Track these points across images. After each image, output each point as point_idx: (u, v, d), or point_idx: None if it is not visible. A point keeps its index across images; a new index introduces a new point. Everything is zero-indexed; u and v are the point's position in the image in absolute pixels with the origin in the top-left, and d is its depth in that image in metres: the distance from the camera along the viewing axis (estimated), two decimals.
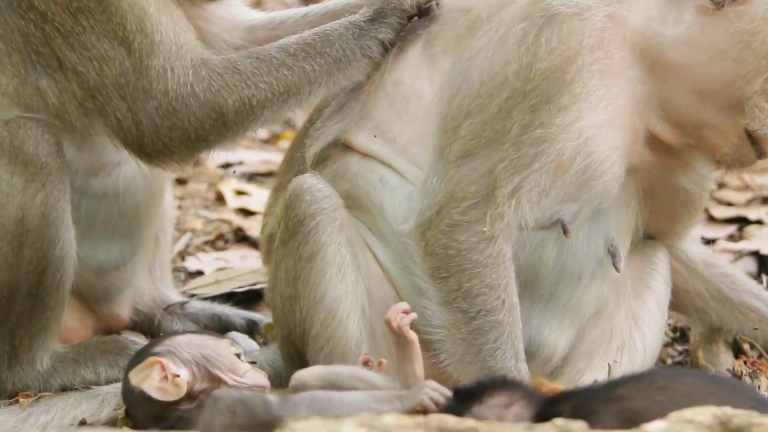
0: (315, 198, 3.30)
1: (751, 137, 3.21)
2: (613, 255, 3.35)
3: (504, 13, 3.26)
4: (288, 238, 3.33)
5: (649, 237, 3.56)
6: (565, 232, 3.22)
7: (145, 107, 3.34)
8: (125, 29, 3.35)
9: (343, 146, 3.44)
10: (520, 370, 3.11)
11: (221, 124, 3.37)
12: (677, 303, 3.63)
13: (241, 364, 3.07)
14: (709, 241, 4.39)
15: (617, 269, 3.35)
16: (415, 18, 3.46)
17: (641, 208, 3.45)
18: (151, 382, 3.01)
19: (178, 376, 3.00)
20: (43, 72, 3.43)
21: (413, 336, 2.98)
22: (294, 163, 3.54)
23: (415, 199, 3.27)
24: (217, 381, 3.02)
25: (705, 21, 3.16)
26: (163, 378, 3.01)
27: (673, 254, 3.60)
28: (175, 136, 3.36)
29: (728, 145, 3.23)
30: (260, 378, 3.07)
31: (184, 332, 3.18)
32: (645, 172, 3.35)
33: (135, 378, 3.03)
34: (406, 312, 2.99)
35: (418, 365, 2.98)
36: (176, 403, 3.00)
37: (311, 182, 3.33)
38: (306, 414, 2.84)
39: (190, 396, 3.01)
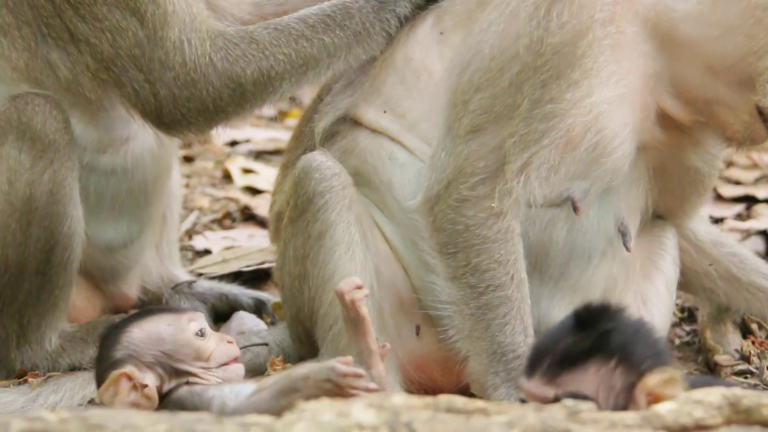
0: (324, 176, 3.29)
1: (762, 114, 3.19)
2: (623, 234, 3.34)
3: None
4: (297, 216, 3.32)
5: (657, 216, 3.55)
6: (575, 209, 3.21)
7: (163, 78, 3.34)
8: (137, 0, 3.33)
9: (352, 122, 3.42)
10: (529, 346, 3.11)
11: (239, 95, 3.36)
12: (685, 282, 3.62)
13: (204, 347, 2.99)
14: (717, 220, 4.39)
15: (627, 248, 3.34)
16: None
17: (651, 187, 3.43)
18: (121, 398, 2.95)
19: (146, 386, 2.95)
20: (54, 45, 3.41)
21: (365, 311, 2.96)
22: (303, 140, 3.53)
23: (423, 176, 3.27)
24: (185, 374, 2.97)
25: None
26: (132, 388, 2.96)
27: (682, 233, 3.59)
28: (193, 106, 3.36)
29: (739, 122, 3.21)
30: (226, 352, 3.00)
31: (135, 320, 3.06)
32: (655, 150, 3.33)
33: (105, 397, 2.97)
34: (359, 287, 2.95)
35: (372, 340, 2.96)
36: None
37: (320, 159, 3.32)
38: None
39: (162, 398, 2.98)
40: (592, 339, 2.60)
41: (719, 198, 4.67)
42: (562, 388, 2.57)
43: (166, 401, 2.95)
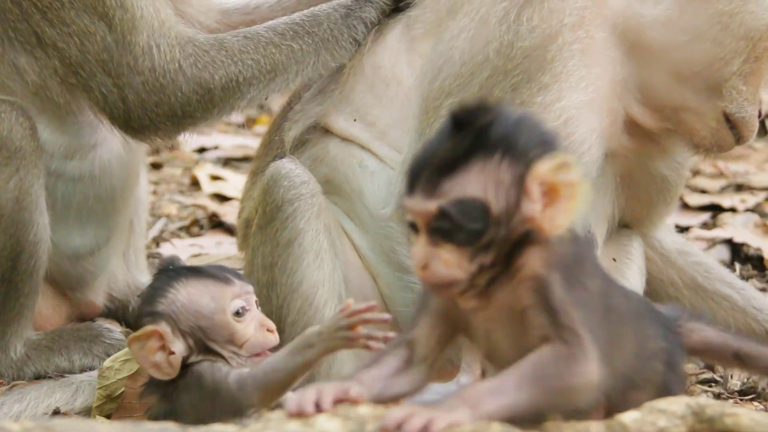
0: (293, 183, 3.29)
1: (729, 120, 3.22)
2: (590, 240, 3.35)
3: None
4: (265, 223, 3.32)
5: (623, 225, 3.57)
6: None
7: (131, 82, 3.33)
8: (104, 4, 3.33)
9: (322, 130, 3.43)
10: None
11: (208, 101, 3.36)
12: (651, 291, 3.64)
13: (241, 333, 2.91)
14: (683, 229, 4.42)
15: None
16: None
17: (618, 195, 3.45)
18: (146, 355, 2.88)
19: (173, 353, 2.88)
20: (21, 49, 3.40)
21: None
22: (272, 147, 3.53)
23: (394, 183, 3.28)
24: (214, 354, 2.90)
25: (685, 3, 3.17)
26: (160, 349, 2.88)
27: (647, 242, 3.61)
28: (162, 111, 3.35)
29: (707, 129, 3.24)
30: (262, 343, 2.92)
31: (185, 277, 2.93)
32: (622, 158, 3.36)
33: (133, 347, 2.89)
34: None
35: None
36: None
37: (289, 167, 3.32)
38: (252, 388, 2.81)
39: (184, 366, 2.89)
40: (469, 137, 2.32)
41: (685, 206, 4.71)
42: (445, 197, 2.31)
43: (186, 371, 2.90)
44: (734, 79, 3.17)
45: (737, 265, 4.24)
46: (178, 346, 2.89)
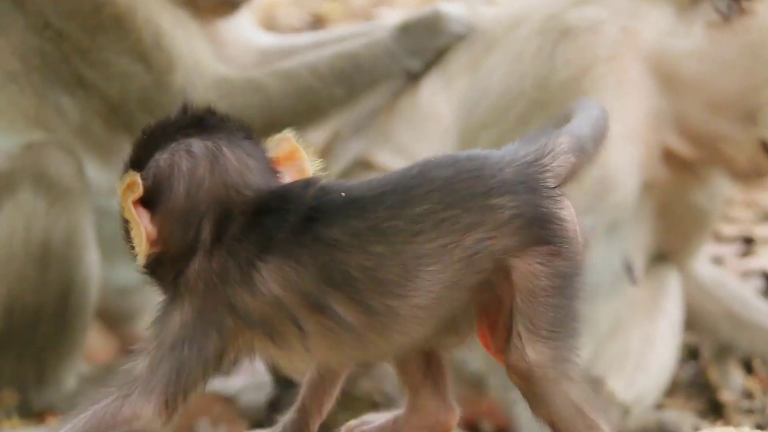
0: None
1: (766, 148, 3.26)
2: (629, 269, 3.39)
3: (520, 30, 3.35)
4: None
5: (661, 257, 3.62)
6: (585, 242, 3.27)
7: None
8: (142, 45, 3.41)
9: (364, 165, 3.51)
10: None
11: None
12: (688, 321, 3.67)
13: None
14: (716, 260, 4.45)
15: (634, 282, 3.39)
16: None
17: (656, 227, 3.49)
18: None
19: None
20: (63, 90, 3.48)
21: None
22: None
23: None
24: None
25: (715, 35, 3.23)
26: None
27: (684, 273, 3.65)
28: None
29: (744, 157, 3.27)
30: None
31: None
32: (660, 189, 3.40)
33: None
34: None
35: None
36: None
37: None
38: None
39: None
40: None
41: (718, 236, 4.73)
42: None
43: None
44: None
45: None
46: None
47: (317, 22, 6.84)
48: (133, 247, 2.10)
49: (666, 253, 3.61)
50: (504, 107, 3.26)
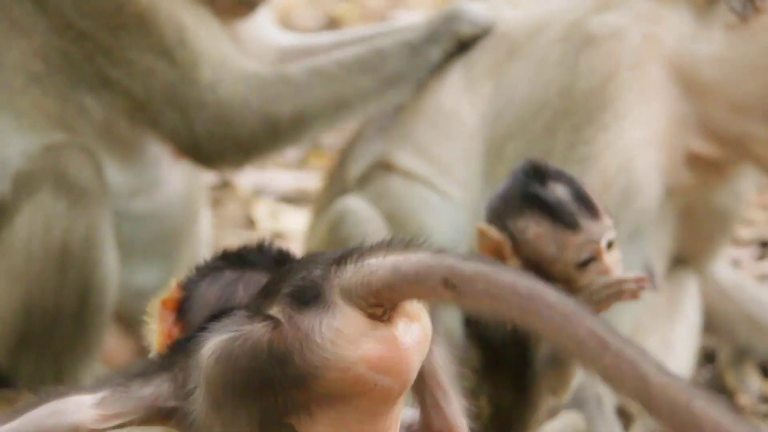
0: (359, 220, 3.36)
1: None
2: (651, 277, 3.40)
3: (542, 37, 3.35)
4: None
5: (680, 261, 3.61)
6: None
7: (199, 116, 3.43)
8: (165, 42, 3.43)
9: (384, 166, 3.50)
10: None
11: (273, 133, 3.46)
12: (706, 323, 3.67)
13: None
14: (732, 262, 4.44)
15: (655, 287, 3.39)
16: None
17: (677, 230, 3.49)
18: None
19: None
20: (86, 90, 3.50)
21: None
22: (335, 184, 3.60)
23: (457, 218, 3.33)
24: None
25: (734, 37, 3.23)
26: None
27: (703, 275, 3.65)
28: (230, 143, 3.46)
29: None
30: None
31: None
32: (683, 193, 3.40)
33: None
34: None
35: None
36: None
37: (355, 204, 3.39)
38: None
39: None
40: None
41: (734, 240, 4.71)
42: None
43: None
44: None
45: None
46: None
47: (332, 23, 6.85)
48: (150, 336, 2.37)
49: (686, 256, 3.61)
50: (529, 117, 3.28)
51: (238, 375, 1.98)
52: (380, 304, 1.94)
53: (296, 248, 4.81)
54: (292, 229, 4.91)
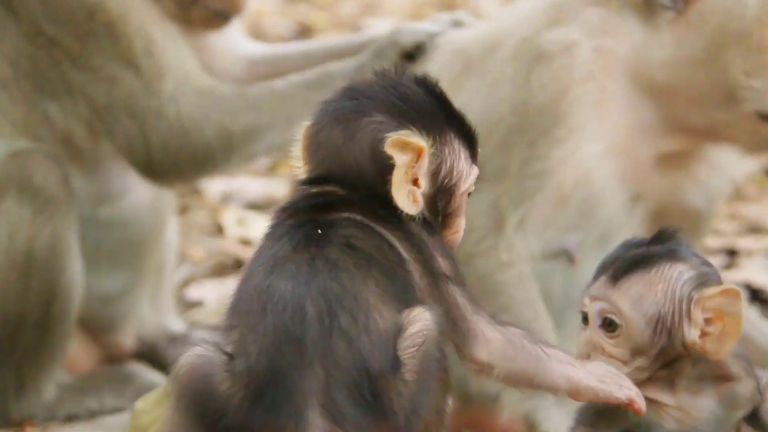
0: None
1: (763, 117, 3.25)
2: None
3: (496, 54, 3.37)
4: None
5: None
6: (571, 260, 3.30)
7: (157, 127, 3.45)
8: (132, 52, 3.45)
9: None
10: None
11: (228, 146, 3.48)
12: None
13: None
14: None
15: None
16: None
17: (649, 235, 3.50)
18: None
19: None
20: (50, 97, 3.51)
21: None
22: None
23: None
24: None
25: (678, 34, 3.25)
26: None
27: None
28: (184, 156, 3.47)
29: (745, 134, 3.28)
30: None
31: None
32: (654, 198, 3.42)
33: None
34: None
35: None
36: None
37: None
38: None
39: None
40: (659, 249, 2.41)
41: (701, 249, 4.74)
42: (626, 297, 2.36)
43: None
44: (743, 79, 3.21)
45: (755, 309, 4.27)
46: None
47: (304, 31, 6.85)
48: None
49: None
50: (485, 133, 3.29)
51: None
52: None
53: None
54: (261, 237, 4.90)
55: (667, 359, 2.38)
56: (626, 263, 2.41)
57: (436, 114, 2.36)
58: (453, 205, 2.37)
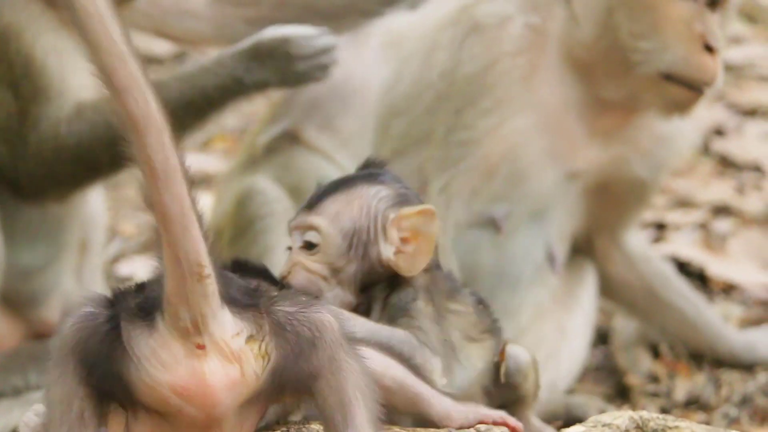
0: (267, 199, 3.33)
1: (668, 78, 3.25)
2: (552, 260, 3.43)
3: (438, 18, 3.37)
4: (237, 236, 3.35)
5: (578, 249, 3.64)
6: (498, 229, 3.31)
7: (24, 154, 3.38)
8: (13, 74, 3.36)
9: (291, 138, 3.47)
10: None
11: (94, 172, 3.42)
12: (608, 290, 3.72)
13: None
14: None
15: (555, 272, 3.43)
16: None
17: (588, 209, 3.52)
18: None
19: None
20: None
21: None
22: (246, 155, 3.55)
23: None
24: None
25: (582, 10, 3.27)
26: None
27: (615, 242, 3.69)
28: (49, 183, 3.42)
29: (657, 98, 3.29)
30: None
31: None
32: (593, 173, 3.43)
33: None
34: None
35: None
36: None
37: (263, 184, 3.36)
38: None
39: None
40: (361, 175, 2.51)
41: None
42: (323, 216, 2.45)
43: None
44: (632, 41, 3.22)
45: (684, 281, 4.32)
46: None
47: None
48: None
49: (598, 227, 3.62)
50: (415, 95, 3.30)
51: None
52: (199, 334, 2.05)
53: None
54: None
55: (366, 281, 2.43)
56: (326, 189, 2.48)
57: None
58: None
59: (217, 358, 2.07)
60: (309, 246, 2.45)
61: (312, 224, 2.45)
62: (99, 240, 4.01)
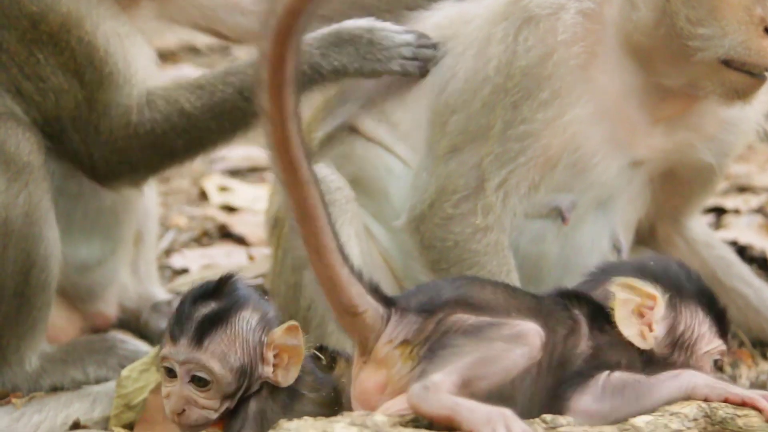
0: (329, 189, 3.31)
1: (728, 64, 3.18)
2: (618, 251, 3.40)
3: (491, 12, 3.32)
4: None
5: (640, 241, 3.59)
6: (563, 219, 3.28)
7: (96, 141, 3.40)
8: (76, 62, 3.38)
9: (349, 129, 3.46)
10: None
11: (168, 158, 3.46)
12: None
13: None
14: None
15: None
16: None
17: (653, 198, 3.47)
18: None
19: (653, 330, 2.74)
20: (6, 93, 3.45)
21: None
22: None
23: (406, 195, 3.31)
24: None
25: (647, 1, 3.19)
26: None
27: (678, 228, 3.64)
28: (124, 169, 3.45)
29: (716, 84, 3.20)
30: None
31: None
32: (659, 160, 3.37)
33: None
34: None
35: None
36: None
37: (325, 172, 3.34)
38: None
39: None
40: (225, 301, 2.79)
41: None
42: (214, 358, 2.75)
43: None
44: (690, 28, 3.15)
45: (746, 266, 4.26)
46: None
47: None
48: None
49: (664, 213, 3.57)
50: (471, 91, 3.27)
51: None
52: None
53: (247, 221, 4.81)
54: (244, 203, 4.87)
55: (245, 396, 2.80)
56: (204, 323, 2.76)
57: (683, 284, 2.82)
58: (693, 362, 2.73)
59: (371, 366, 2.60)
60: (200, 382, 2.76)
61: (205, 365, 2.75)
62: (153, 233, 4.03)
